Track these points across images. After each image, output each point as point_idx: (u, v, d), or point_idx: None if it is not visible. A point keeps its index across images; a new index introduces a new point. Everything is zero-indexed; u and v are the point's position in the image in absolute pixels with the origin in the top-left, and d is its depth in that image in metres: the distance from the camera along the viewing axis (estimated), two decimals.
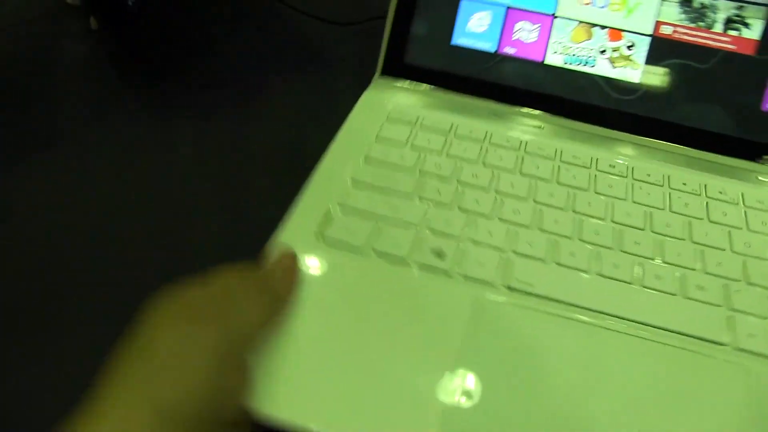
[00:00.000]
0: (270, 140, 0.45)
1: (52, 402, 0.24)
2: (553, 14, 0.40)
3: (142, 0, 0.51)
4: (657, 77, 0.38)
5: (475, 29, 0.41)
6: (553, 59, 0.40)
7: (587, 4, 0.39)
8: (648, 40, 0.38)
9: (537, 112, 0.40)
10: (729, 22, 0.37)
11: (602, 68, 0.39)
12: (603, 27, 0.39)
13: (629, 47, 0.39)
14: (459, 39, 0.41)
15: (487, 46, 0.41)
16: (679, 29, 0.38)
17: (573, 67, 0.40)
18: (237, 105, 0.47)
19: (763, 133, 0.37)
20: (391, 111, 0.40)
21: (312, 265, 0.30)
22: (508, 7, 0.40)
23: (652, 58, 0.38)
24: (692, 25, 0.38)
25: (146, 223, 0.38)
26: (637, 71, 0.39)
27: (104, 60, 0.52)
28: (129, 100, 0.48)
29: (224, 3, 0.58)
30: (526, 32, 0.40)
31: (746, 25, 0.37)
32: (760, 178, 0.38)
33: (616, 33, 0.39)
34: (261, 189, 0.41)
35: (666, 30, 0.38)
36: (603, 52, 0.39)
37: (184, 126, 0.46)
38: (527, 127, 0.40)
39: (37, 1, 0.56)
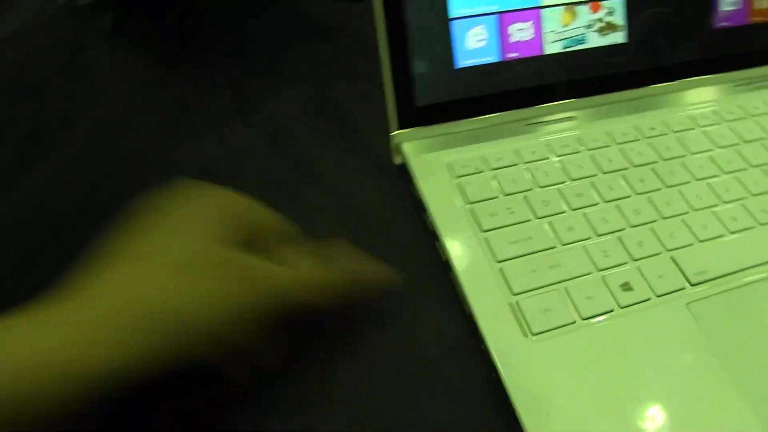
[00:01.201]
0: (311, 100, 0.47)
1: None
2: (539, 6, 0.40)
3: None
4: (639, 31, 0.42)
5: (475, 46, 0.39)
6: (553, 48, 0.41)
7: None
8: (621, 1, 0.41)
9: (561, 103, 0.41)
10: None
11: (595, 41, 0.41)
12: (584, 2, 0.40)
13: (609, 14, 0.41)
14: (463, 61, 0.39)
15: (491, 58, 0.40)
16: None
17: (572, 49, 0.41)
18: (269, 78, 0.49)
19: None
20: (454, 167, 0.38)
21: (547, 362, 0.30)
22: (498, 13, 0.39)
23: (630, 16, 0.42)
24: None
25: None
26: (622, 32, 0.42)
27: (132, 55, 0.51)
28: (164, 90, 0.48)
29: None
30: (522, 32, 0.40)
31: None
32: None
33: (595, 5, 0.41)
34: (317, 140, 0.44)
35: None
36: (590, 26, 0.41)
37: (226, 103, 0.47)
38: (565, 122, 0.41)
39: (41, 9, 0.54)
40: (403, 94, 0.38)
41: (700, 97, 0.44)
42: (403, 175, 0.39)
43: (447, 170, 0.38)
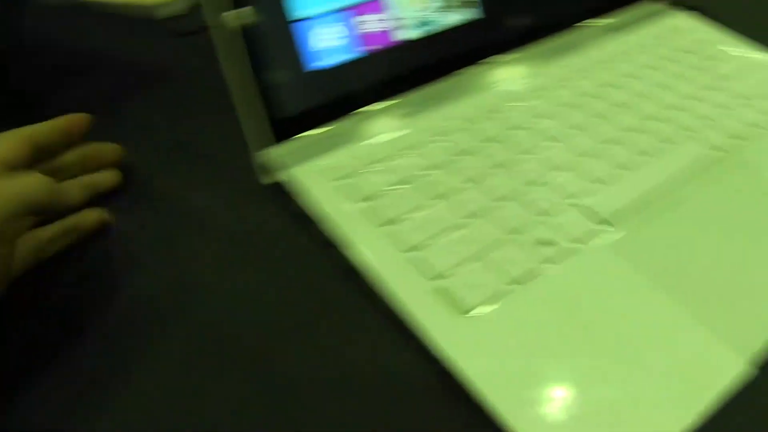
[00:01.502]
0: (161, 144, 0.42)
1: None
2: None
3: None
4: (493, 3, 0.42)
5: (330, 44, 0.37)
6: (411, 34, 0.39)
7: None
8: None
9: (428, 86, 0.40)
10: None
11: (451, 19, 0.41)
12: None
13: None
14: (318, 63, 0.37)
15: (351, 55, 0.38)
16: None
17: (430, 31, 0.40)
18: (114, 130, 0.41)
19: None
20: (335, 170, 0.35)
21: (483, 336, 0.27)
22: (343, 9, 0.37)
23: None
24: None
25: None
26: (476, 7, 0.41)
27: None
28: None
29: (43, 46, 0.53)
30: (373, 23, 0.38)
31: None
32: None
33: None
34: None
35: None
36: (444, 5, 0.40)
37: None
38: (437, 104, 0.40)
39: None
40: (262, 110, 0.35)
41: (554, 56, 0.45)
42: (278, 193, 0.36)
43: (328, 176, 0.35)
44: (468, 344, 0.27)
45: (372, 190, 0.34)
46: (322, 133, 0.37)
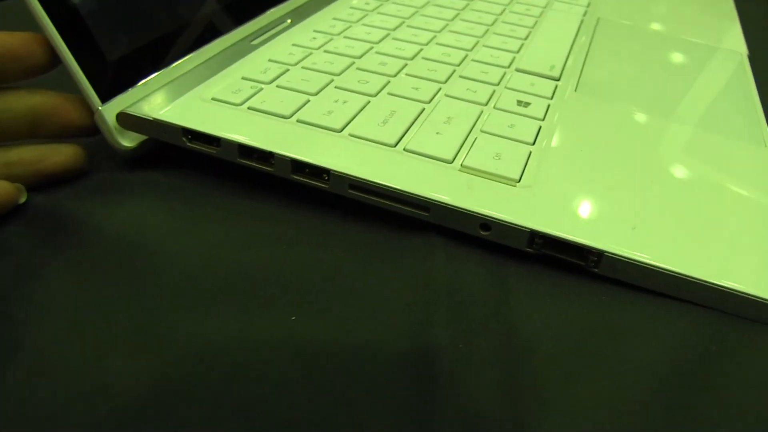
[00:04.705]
0: None
1: None
2: None
3: None
4: None
5: None
6: None
7: None
8: None
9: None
10: None
11: None
12: None
13: None
14: None
15: None
16: None
17: None
18: None
19: None
20: (234, 92, 0.24)
21: (552, 195, 0.21)
22: None
23: None
24: None
25: None
26: None
27: None
28: None
29: None
30: None
31: None
32: None
33: None
34: None
35: None
36: None
37: None
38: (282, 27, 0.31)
39: None
40: (89, 53, 0.23)
41: None
42: (139, 158, 0.24)
43: (230, 100, 0.24)
44: (547, 207, 0.21)
45: (297, 98, 0.24)
46: (174, 71, 0.26)
